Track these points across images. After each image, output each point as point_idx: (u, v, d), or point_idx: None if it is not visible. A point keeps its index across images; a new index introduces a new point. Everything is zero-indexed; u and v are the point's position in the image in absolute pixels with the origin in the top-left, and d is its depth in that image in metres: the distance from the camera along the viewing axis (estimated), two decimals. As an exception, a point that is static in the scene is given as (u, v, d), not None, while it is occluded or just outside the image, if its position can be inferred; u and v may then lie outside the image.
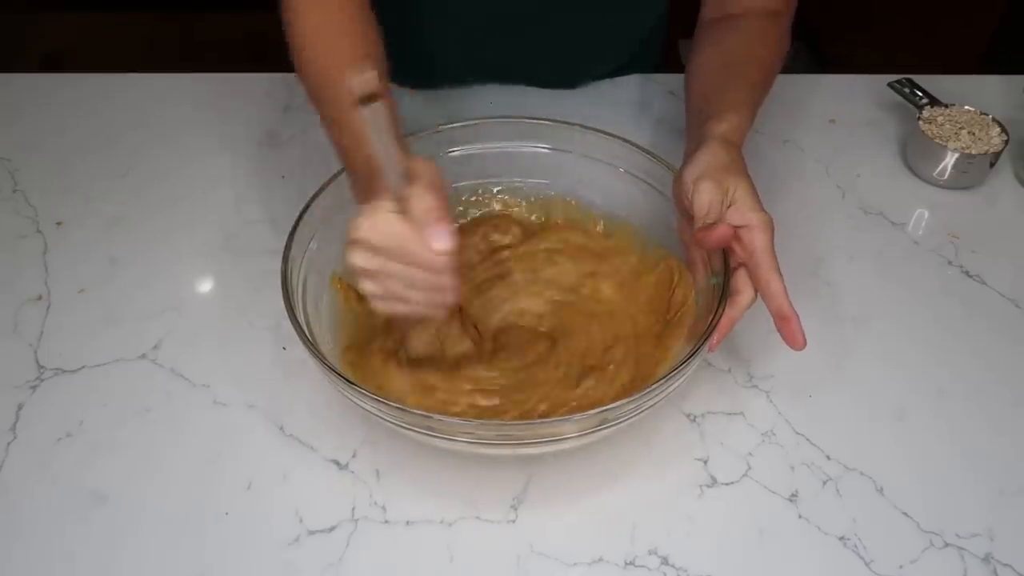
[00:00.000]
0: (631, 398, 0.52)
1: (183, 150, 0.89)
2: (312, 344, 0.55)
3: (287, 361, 0.67)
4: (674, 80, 0.98)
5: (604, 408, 0.51)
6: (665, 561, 0.56)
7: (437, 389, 0.60)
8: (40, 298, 0.73)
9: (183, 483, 0.60)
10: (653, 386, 0.52)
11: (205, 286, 0.76)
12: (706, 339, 0.55)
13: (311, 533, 0.57)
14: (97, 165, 0.86)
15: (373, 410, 0.53)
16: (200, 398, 0.65)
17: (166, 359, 0.68)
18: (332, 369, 0.53)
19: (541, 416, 0.59)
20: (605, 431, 0.54)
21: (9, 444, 0.62)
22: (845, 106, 0.95)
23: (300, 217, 0.62)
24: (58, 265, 0.76)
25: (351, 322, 0.65)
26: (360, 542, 0.56)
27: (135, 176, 0.85)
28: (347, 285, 0.66)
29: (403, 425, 0.53)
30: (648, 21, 0.94)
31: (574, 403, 0.60)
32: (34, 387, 0.66)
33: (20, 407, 0.64)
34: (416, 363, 0.61)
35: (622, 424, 0.54)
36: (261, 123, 0.92)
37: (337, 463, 0.61)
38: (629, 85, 0.97)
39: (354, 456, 0.61)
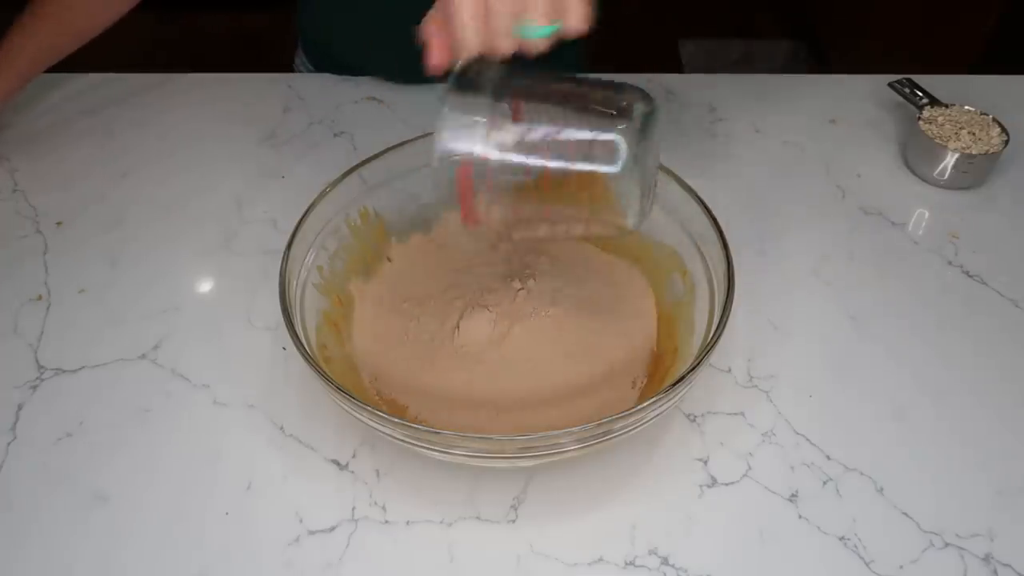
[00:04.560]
0: (632, 410, 0.50)
1: (183, 150, 0.89)
2: (312, 358, 0.54)
3: (287, 361, 0.67)
4: (674, 80, 0.98)
5: (606, 419, 0.50)
6: (665, 561, 0.56)
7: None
8: (40, 298, 0.73)
9: (183, 483, 0.60)
10: (655, 398, 0.51)
11: (205, 286, 0.76)
12: (709, 350, 0.53)
13: (311, 533, 0.57)
14: (97, 165, 0.86)
15: (370, 422, 0.53)
16: (200, 398, 0.65)
17: (166, 359, 0.68)
18: (331, 381, 0.52)
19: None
20: (606, 443, 0.53)
21: (9, 444, 0.62)
22: (845, 106, 0.95)
23: (296, 230, 0.61)
24: (58, 265, 0.76)
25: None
26: (360, 542, 0.56)
27: (135, 176, 0.85)
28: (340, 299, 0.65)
29: (399, 438, 0.53)
30: None
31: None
32: (34, 387, 0.66)
33: (20, 407, 0.64)
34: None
35: (624, 435, 0.53)
36: (261, 123, 0.92)
37: (337, 463, 0.61)
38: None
39: (354, 456, 0.61)
